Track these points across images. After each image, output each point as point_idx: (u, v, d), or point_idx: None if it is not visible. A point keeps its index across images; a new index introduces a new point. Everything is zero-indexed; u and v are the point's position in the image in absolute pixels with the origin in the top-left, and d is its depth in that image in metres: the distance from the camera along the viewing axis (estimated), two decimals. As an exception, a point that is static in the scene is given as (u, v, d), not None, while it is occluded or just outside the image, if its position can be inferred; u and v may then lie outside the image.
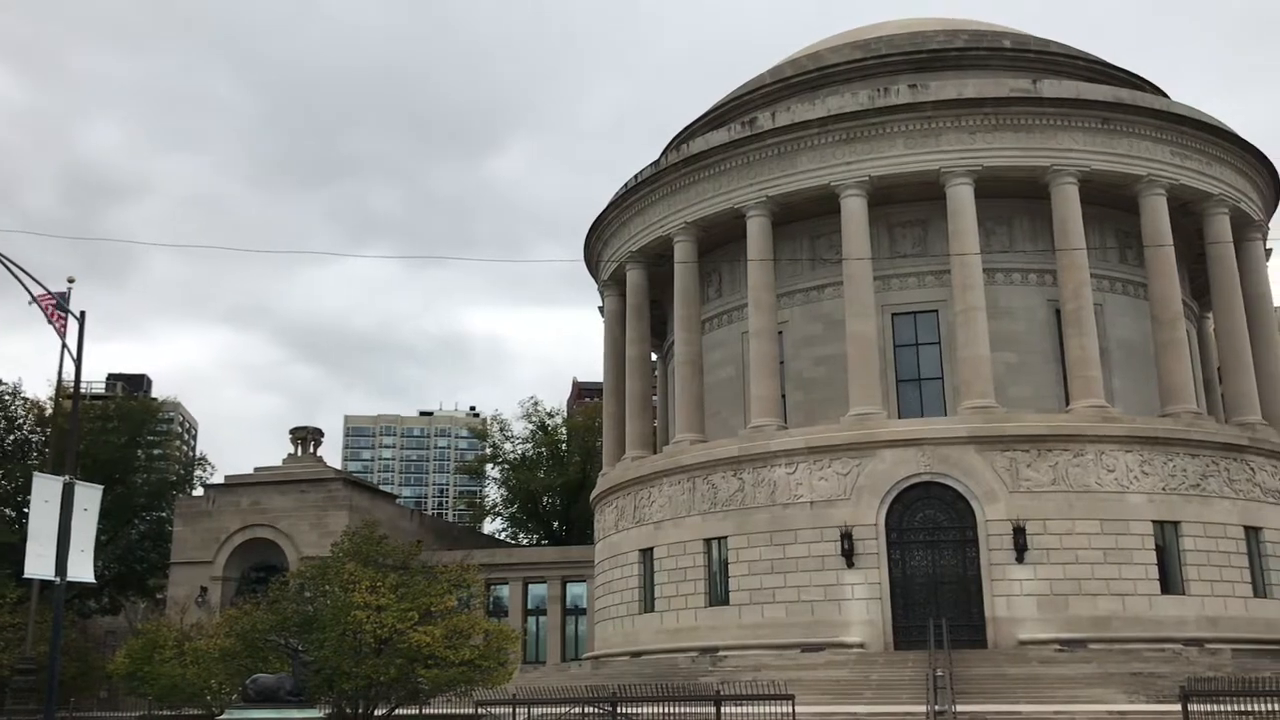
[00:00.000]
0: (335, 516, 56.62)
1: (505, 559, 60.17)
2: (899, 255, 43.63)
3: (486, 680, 29.80)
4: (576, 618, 57.70)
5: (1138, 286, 43.88)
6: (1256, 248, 46.77)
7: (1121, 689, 31.07)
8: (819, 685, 32.50)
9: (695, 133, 50.29)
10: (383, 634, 28.36)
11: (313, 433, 62.94)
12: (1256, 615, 38.50)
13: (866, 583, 38.19)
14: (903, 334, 43.29)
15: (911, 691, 30.94)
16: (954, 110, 41.40)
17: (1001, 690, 31.19)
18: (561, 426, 76.28)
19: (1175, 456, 38.82)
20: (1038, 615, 36.83)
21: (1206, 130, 43.79)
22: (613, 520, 47.36)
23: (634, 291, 49.43)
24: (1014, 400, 40.37)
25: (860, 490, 38.89)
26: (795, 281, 44.90)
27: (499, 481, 75.98)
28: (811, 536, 39.12)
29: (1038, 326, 42.58)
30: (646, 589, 44.30)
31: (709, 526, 41.87)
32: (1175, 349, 41.26)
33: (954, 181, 40.94)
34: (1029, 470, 37.94)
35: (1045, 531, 37.35)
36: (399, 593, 29.47)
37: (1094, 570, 37.12)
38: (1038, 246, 42.72)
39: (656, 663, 40.23)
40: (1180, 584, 37.86)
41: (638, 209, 48.52)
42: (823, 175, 42.46)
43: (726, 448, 42.36)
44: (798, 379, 44.38)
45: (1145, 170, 41.99)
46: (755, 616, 39.67)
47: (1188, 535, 38.25)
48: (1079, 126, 41.60)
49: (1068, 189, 40.95)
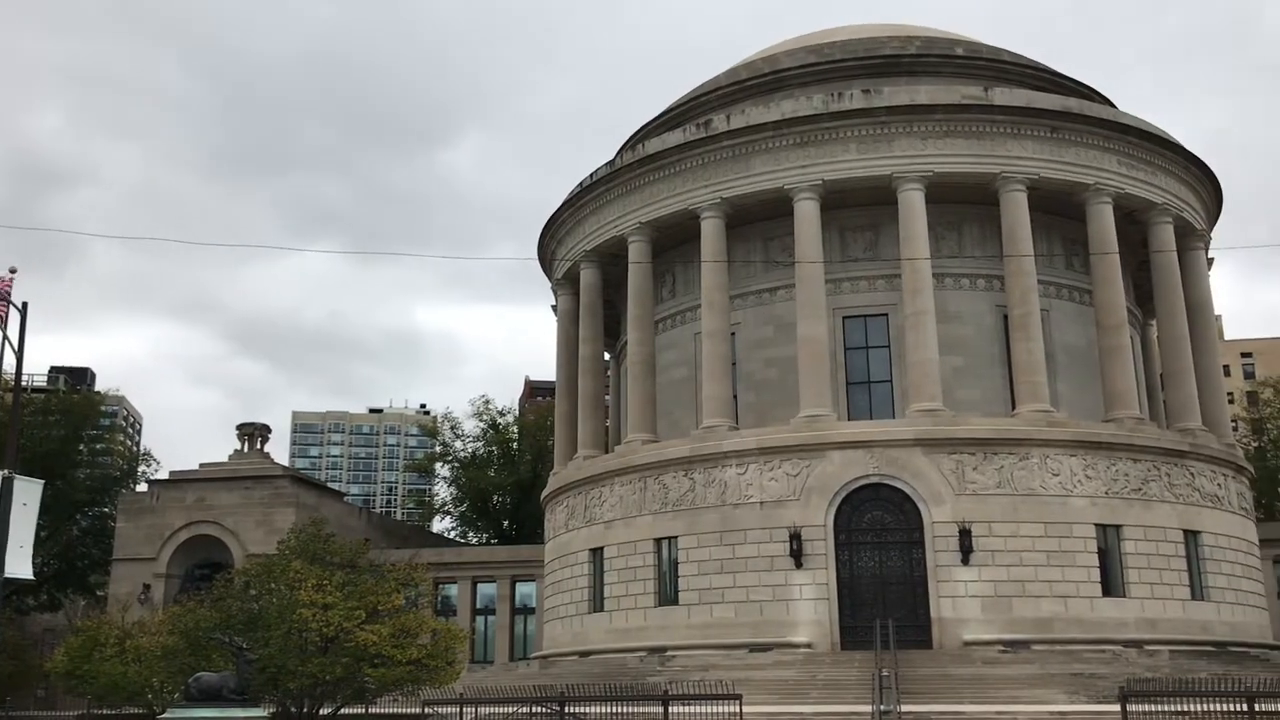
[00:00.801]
0: (282, 514, 56.04)
1: (454, 558, 59.88)
2: (850, 259, 43.99)
3: (434, 680, 29.59)
4: (525, 617, 57.52)
5: (1083, 293, 44.58)
6: (1198, 257, 47.69)
7: (1063, 689, 31.54)
8: (766, 685, 32.67)
9: (651, 133, 50.35)
10: (329, 633, 28.08)
11: (260, 429, 62.21)
12: (1193, 617, 39.29)
13: (814, 583, 38.45)
14: (853, 337, 43.65)
15: (857, 691, 31.18)
16: (906, 116, 41.82)
17: (946, 690, 31.56)
18: (513, 425, 75.99)
19: (1118, 461, 39.51)
20: (982, 616, 37.31)
21: (1152, 141, 44.59)
22: (563, 519, 47.30)
23: (588, 290, 49.40)
24: (961, 404, 40.86)
25: (810, 491, 39.16)
26: (748, 283, 45.11)
27: (449, 480, 75.50)
28: (761, 537, 39.33)
29: (985, 331, 43.12)
30: (596, 588, 44.29)
31: (660, 526, 41.95)
32: (1119, 355, 41.98)
33: (905, 187, 41.35)
34: (975, 473, 38.43)
35: (990, 534, 37.85)
36: (346, 591, 29.18)
37: (1038, 572, 37.67)
38: (986, 252, 43.26)
39: (605, 662, 40.22)
40: (1121, 586, 38.52)
41: (592, 208, 48.50)
42: (777, 178, 42.70)
43: (678, 448, 42.46)
44: (749, 380, 44.59)
45: (1093, 179, 42.67)
46: (704, 616, 39.80)
47: (1129, 539, 38.94)
48: (1029, 134, 42.19)
49: (1017, 196, 41.51)
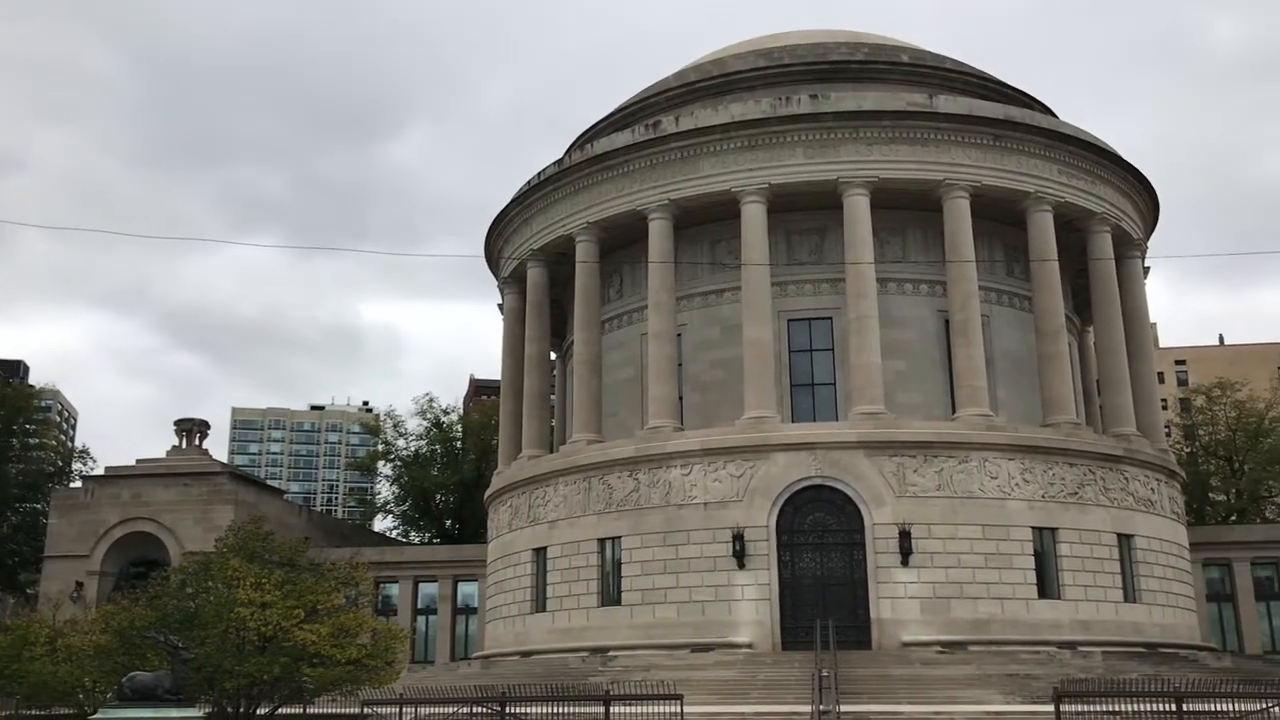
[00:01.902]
0: (220, 511, 55.28)
1: (395, 557, 59.43)
2: (796, 262, 44.31)
3: (373, 679, 29.34)
4: (467, 617, 57.24)
5: (1023, 299, 45.30)
6: (1136, 265, 48.67)
7: (999, 690, 31.98)
8: (708, 685, 32.78)
9: (599, 133, 50.35)
10: (267, 632, 27.73)
11: (198, 424, 61.31)
12: (1126, 619, 40.08)
13: (756, 584, 38.67)
14: (798, 340, 43.97)
15: (797, 691, 31.39)
16: (853, 122, 42.21)
17: (884, 690, 31.86)
18: (457, 424, 75.54)
19: (1055, 465, 40.19)
20: (921, 617, 37.76)
21: (1092, 150, 45.42)
22: (507, 519, 47.12)
23: (534, 289, 49.26)
24: (903, 407, 41.31)
25: (753, 492, 39.38)
26: (695, 285, 45.26)
27: (391, 478, 74.83)
28: (704, 537, 39.47)
29: (928, 336, 43.65)
30: (539, 588, 44.17)
31: (604, 526, 41.94)
32: (1057, 361, 42.71)
33: (851, 192, 41.74)
34: (915, 475, 38.88)
35: (930, 536, 38.32)
36: (285, 590, 28.82)
37: (975, 574, 38.19)
38: (929, 258, 43.81)
39: (547, 662, 40.14)
40: (1057, 588, 39.17)
41: (540, 207, 48.38)
42: (724, 181, 42.90)
43: (623, 448, 42.48)
44: (695, 381, 44.74)
45: (1033, 187, 43.37)
46: (647, 616, 39.86)
47: (1064, 541, 39.62)
48: (972, 142, 42.78)
49: (959, 203, 42.07)
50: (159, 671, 23.71)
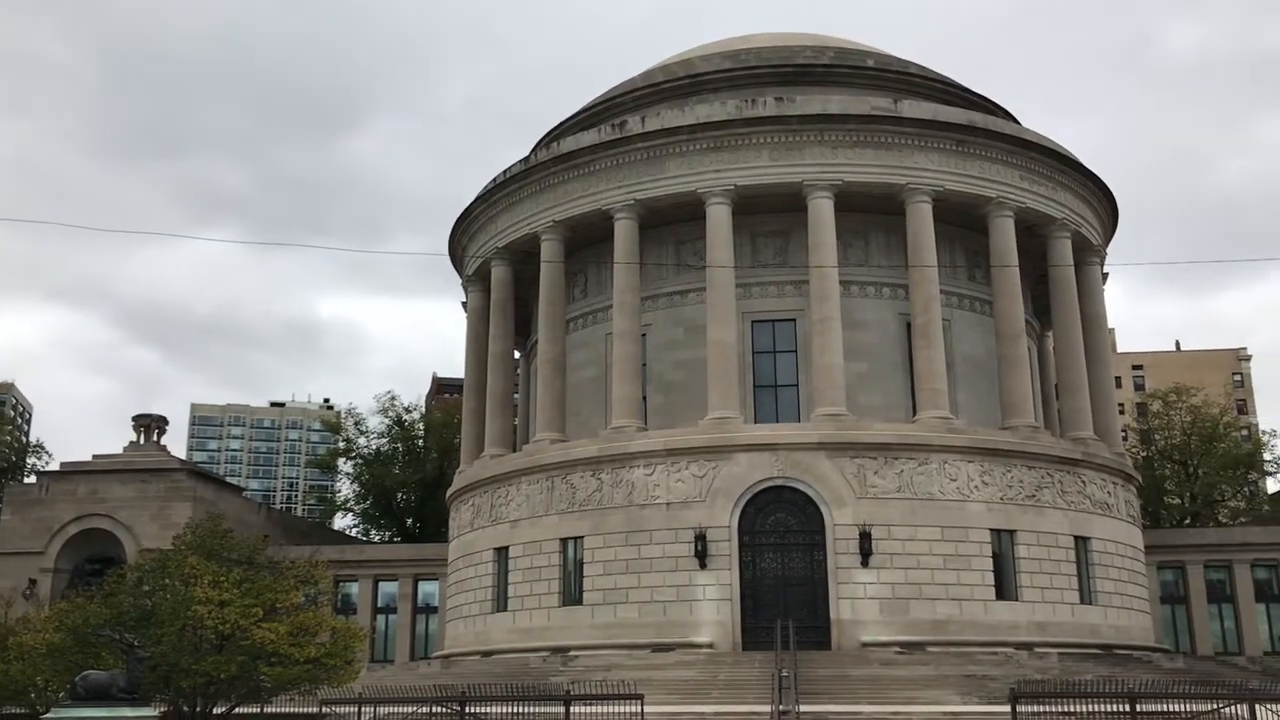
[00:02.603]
0: (178, 508, 54.69)
1: (355, 555, 59.04)
2: (760, 264, 44.48)
3: (332, 679, 29.17)
4: (428, 616, 56.94)
5: (984, 304, 45.73)
6: (1095, 271, 49.28)
7: (956, 690, 32.27)
8: (668, 685, 32.82)
9: (566, 132, 50.29)
10: (225, 630, 27.50)
11: (157, 420, 60.63)
12: (1082, 621, 40.56)
13: (718, 584, 38.77)
14: (761, 341, 44.16)
15: (757, 691, 31.50)
16: (818, 125, 42.44)
17: (844, 691, 32.04)
18: (419, 422, 75.15)
19: (1013, 468, 40.60)
20: (880, 618, 38.01)
21: (1053, 157, 45.94)
22: (468, 518, 46.96)
23: (499, 288, 49.13)
24: (865, 409, 41.59)
25: (715, 493, 39.49)
26: (660, 285, 45.31)
27: (352, 476, 74.29)
28: (666, 537, 39.53)
29: (889, 338, 43.96)
30: (500, 588, 44.05)
31: (566, 526, 41.89)
32: (1017, 365, 43.15)
33: (815, 195, 41.96)
34: (876, 477, 39.15)
35: (889, 537, 38.58)
36: (243, 588, 28.61)
37: (934, 575, 38.51)
38: (892, 261, 44.12)
39: (508, 662, 40.05)
40: (1014, 590, 39.57)
41: (505, 205, 48.25)
42: (690, 181, 42.98)
43: (586, 448, 42.46)
44: (659, 381, 44.80)
45: (995, 192, 43.80)
46: (608, 616, 39.87)
47: (1022, 544, 40.02)
48: (935, 147, 43.13)
49: (922, 207, 42.40)
50: (113, 670, 23.43)
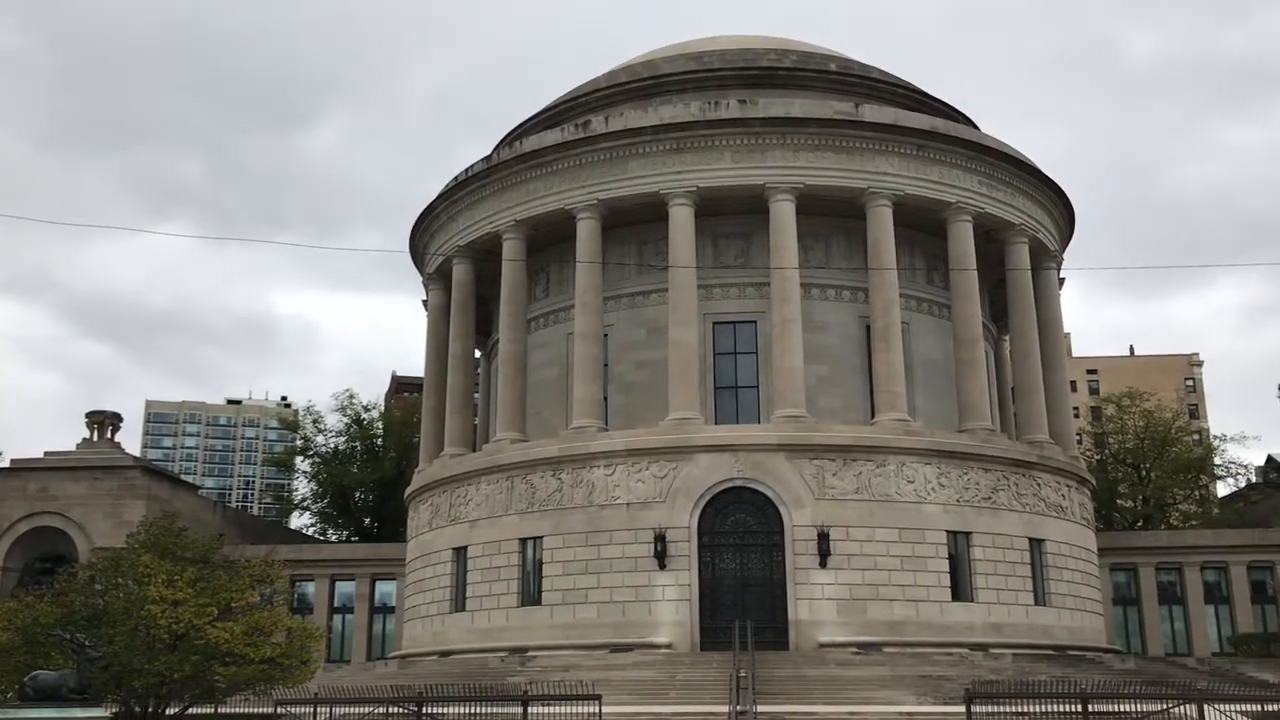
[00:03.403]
0: (132, 506, 54.03)
1: (313, 555, 58.61)
2: (723, 266, 44.63)
3: (287, 679, 28.90)
4: (385, 616, 56.64)
5: (942, 307, 46.15)
6: (1051, 276, 49.88)
7: (912, 691, 32.53)
8: (626, 685, 32.84)
9: (528, 131, 50.18)
10: (178, 630, 27.19)
11: (111, 417, 59.81)
12: (1036, 622, 41.03)
13: (677, 584, 38.84)
14: (722, 342, 44.30)
15: (715, 692, 31.59)
16: (780, 128, 42.64)
17: (801, 691, 32.21)
18: (378, 421, 74.66)
19: (970, 470, 40.99)
20: (837, 619, 38.25)
21: (1012, 163, 46.44)
22: (427, 518, 46.72)
23: (460, 286, 48.92)
24: (824, 411, 41.83)
25: (676, 493, 39.55)
26: (622, 286, 45.32)
27: (309, 475, 73.69)
28: (626, 538, 39.55)
29: (849, 341, 44.25)
30: (458, 588, 43.89)
31: (525, 526, 41.80)
32: (974, 368, 43.58)
33: (777, 197, 42.15)
34: (835, 479, 39.38)
35: (847, 538, 38.83)
36: (198, 587, 28.32)
37: (891, 576, 38.80)
38: (852, 264, 44.41)
39: (465, 662, 39.89)
40: (970, 591, 39.97)
41: (468, 203, 48.06)
42: (653, 182, 43.03)
43: (547, 448, 42.39)
44: (620, 382, 44.80)
45: (955, 197, 44.21)
46: (567, 617, 39.82)
47: (978, 545, 40.43)
48: (896, 152, 43.45)
49: (882, 211, 42.72)
50: (64, 670, 23.09)
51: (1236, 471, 70.10)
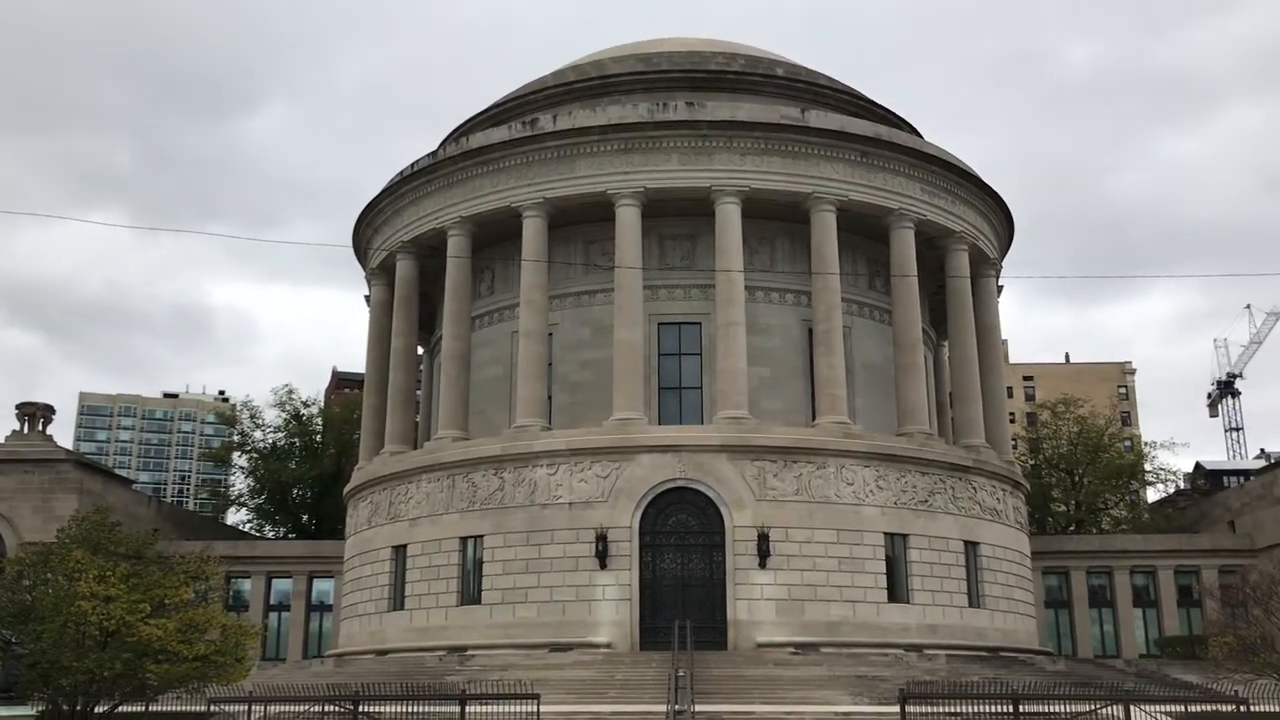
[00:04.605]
0: (63, 500, 52.87)
1: (249, 551, 57.85)
2: (668, 267, 44.79)
3: (221, 677, 28.54)
4: (322, 614, 56.04)
5: (883, 312, 46.72)
6: (990, 284, 50.71)
7: (848, 691, 32.88)
8: (565, 685, 32.86)
9: (475, 127, 50.01)
10: (110, 626, 26.75)
11: (42, 409, 58.45)
12: (970, 624, 41.68)
13: (618, 584, 38.92)
14: (667, 343, 44.48)
15: (654, 691, 31.71)
16: (727, 131, 42.90)
17: (739, 691, 32.45)
18: (317, 417, 73.84)
19: (908, 473, 41.54)
20: (776, 619, 38.57)
21: (954, 171, 47.14)
22: (366, 516, 46.35)
23: (403, 282, 48.59)
24: (766, 413, 42.14)
25: (618, 493, 39.62)
26: (567, 285, 45.31)
27: (247, 471, 72.68)
28: (568, 537, 39.54)
29: (792, 344, 44.64)
30: (397, 586, 43.59)
31: (466, 525, 41.63)
32: (913, 373, 44.17)
33: (723, 200, 42.40)
34: (775, 480, 39.70)
35: (787, 539, 39.16)
36: (130, 583, 27.86)
37: (829, 577, 39.21)
38: (796, 268, 44.81)
39: (403, 661, 39.63)
40: (906, 593, 40.49)
41: (412, 198, 47.74)
42: (600, 182, 43.07)
43: (489, 446, 42.25)
44: (564, 381, 44.78)
45: (897, 204, 44.78)
46: (507, 616, 39.72)
47: (915, 547, 40.98)
48: (841, 158, 43.92)
49: (826, 216, 43.14)
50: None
51: (1166, 478, 71.80)
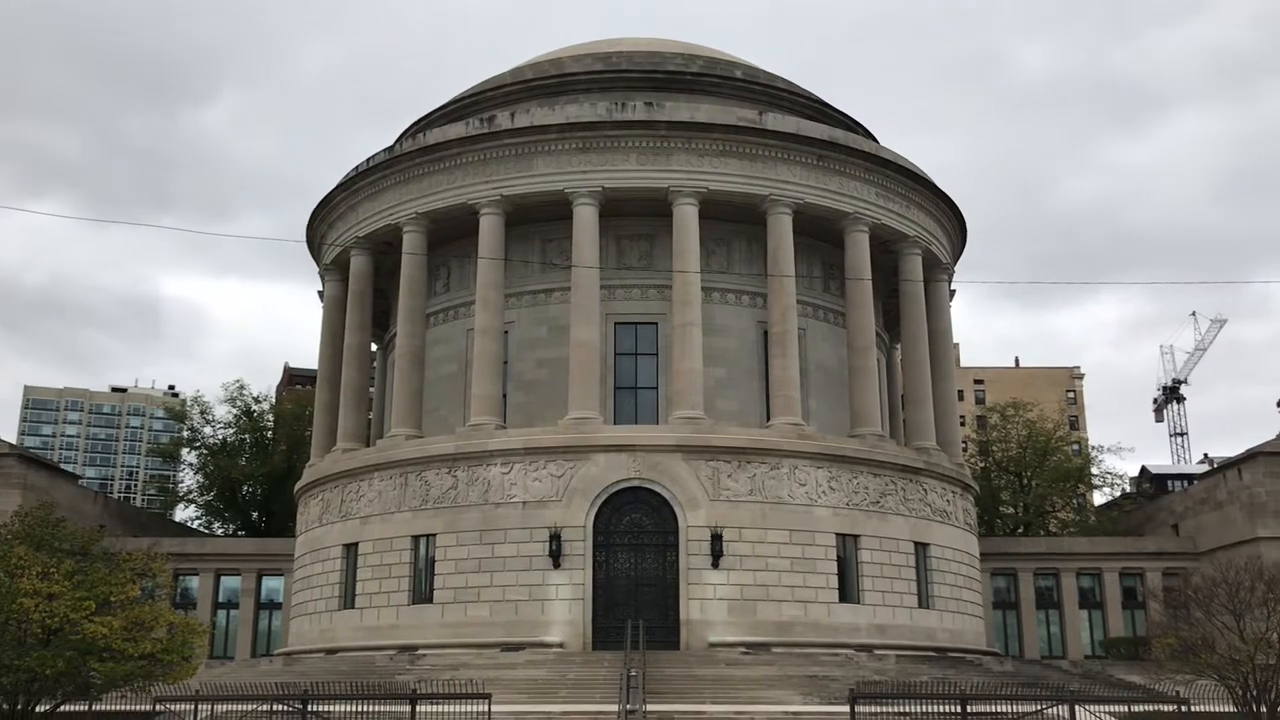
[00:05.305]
0: (6, 496, 51.81)
1: (197, 549, 57.10)
2: (626, 267, 44.84)
3: (168, 675, 28.18)
4: (271, 613, 55.44)
5: (837, 315, 47.08)
6: (942, 288, 51.24)
7: (799, 691, 33.12)
8: (517, 684, 32.81)
9: (432, 123, 49.75)
10: (52, 624, 26.33)
11: (-15, 403, 57.48)
12: (919, 624, 42.10)
13: (571, 583, 38.89)
14: (624, 343, 44.53)
15: (605, 691, 31.75)
16: (686, 132, 43.01)
17: (690, 690, 32.55)
18: (269, 413, 73.08)
19: (860, 475, 41.88)
20: (728, 619, 38.73)
21: (908, 176, 47.59)
22: (317, 513, 45.94)
23: (357, 278, 48.22)
24: (721, 413, 42.31)
25: (573, 493, 39.59)
26: (524, 283, 45.20)
27: (196, 467, 71.77)
28: (521, 536, 39.45)
29: (747, 345, 44.84)
30: (348, 585, 43.26)
31: (419, 523, 41.40)
32: (866, 376, 44.55)
33: (681, 201, 42.50)
34: (729, 480, 39.88)
35: (740, 539, 39.34)
36: (75, 580, 27.45)
37: (781, 578, 39.44)
38: (752, 270, 45.04)
39: (353, 660, 39.33)
40: (857, 593, 40.82)
41: (368, 194, 47.40)
42: (558, 181, 43.01)
43: (443, 445, 42.04)
44: (520, 380, 44.66)
45: (852, 208, 45.13)
46: (459, 615, 39.55)
47: (866, 548, 41.33)
48: (797, 161, 44.19)
49: (783, 218, 43.39)
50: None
51: (1112, 481, 72.97)
